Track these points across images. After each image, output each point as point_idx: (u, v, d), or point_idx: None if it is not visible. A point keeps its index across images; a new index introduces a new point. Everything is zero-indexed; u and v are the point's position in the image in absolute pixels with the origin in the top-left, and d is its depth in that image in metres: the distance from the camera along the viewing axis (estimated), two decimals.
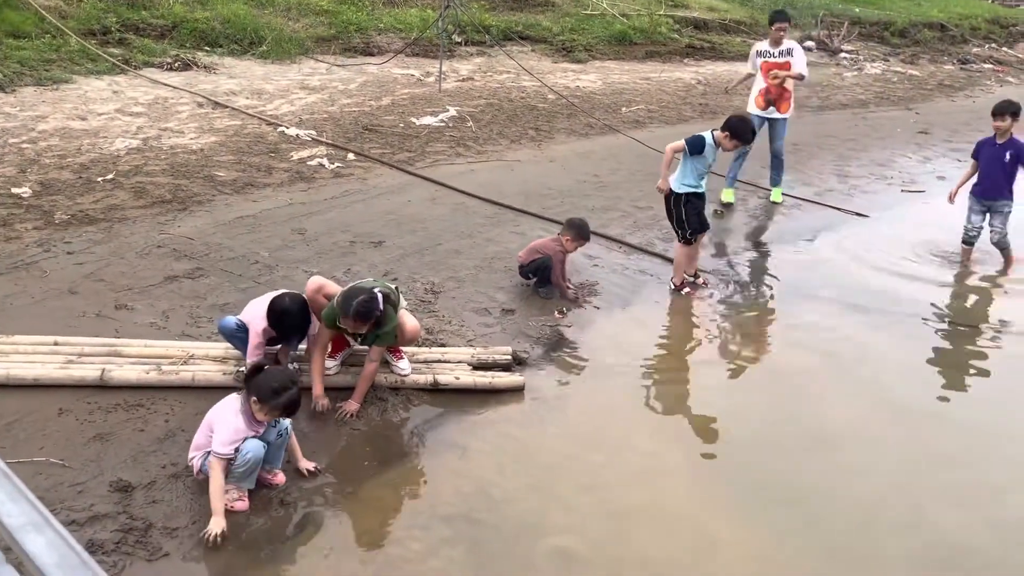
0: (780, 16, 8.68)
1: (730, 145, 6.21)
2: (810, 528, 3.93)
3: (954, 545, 3.85)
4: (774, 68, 8.49)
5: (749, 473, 4.36)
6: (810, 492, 4.18)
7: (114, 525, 3.55)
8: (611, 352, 5.54)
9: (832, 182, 9.89)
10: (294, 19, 14.56)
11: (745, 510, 4.07)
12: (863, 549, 3.80)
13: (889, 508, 4.08)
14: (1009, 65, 20.30)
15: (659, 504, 4.07)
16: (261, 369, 3.81)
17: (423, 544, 3.70)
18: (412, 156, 9.24)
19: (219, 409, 3.80)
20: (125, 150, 8.39)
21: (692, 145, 6.15)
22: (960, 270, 7.19)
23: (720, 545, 3.81)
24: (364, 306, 4.31)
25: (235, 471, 3.70)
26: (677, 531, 3.88)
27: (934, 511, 4.05)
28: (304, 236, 6.77)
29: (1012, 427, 4.89)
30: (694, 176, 6.29)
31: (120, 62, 11.39)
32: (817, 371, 5.43)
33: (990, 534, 3.92)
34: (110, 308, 5.32)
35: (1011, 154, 7.06)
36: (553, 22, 16.89)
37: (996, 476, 4.39)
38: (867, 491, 4.20)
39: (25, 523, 1.14)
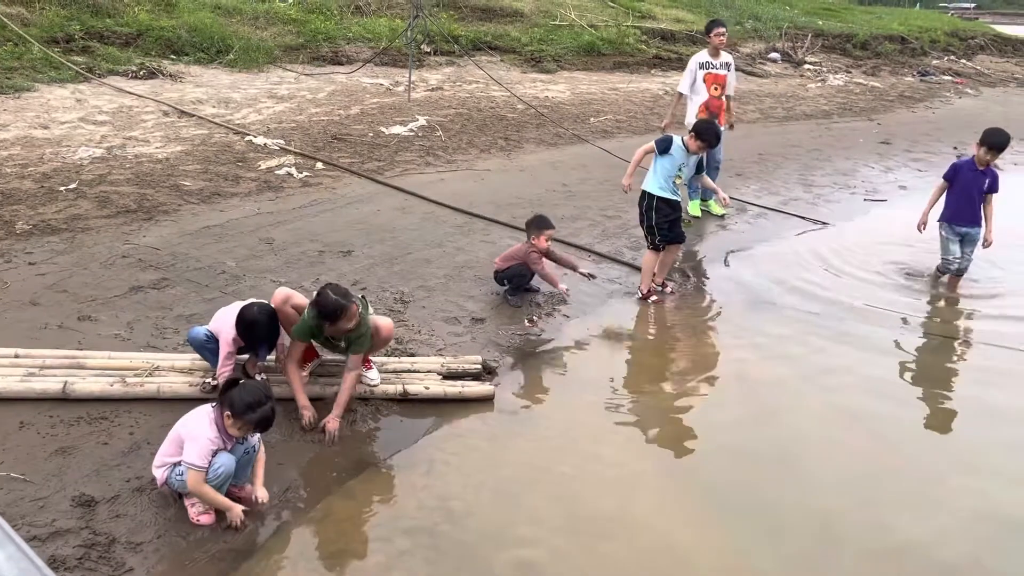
0: (719, 22, 8.74)
1: (695, 146, 6.40)
2: (773, 538, 3.95)
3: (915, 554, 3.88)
4: (717, 80, 8.51)
5: (715, 483, 4.38)
6: (774, 502, 4.20)
7: (77, 540, 3.48)
8: (580, 361, 5.56)
9: (798, 191, 10.04)
10: (262, 28, 14.49)
11: (710, 521, 4.08)
12: (825, 559, 3.82)
13: (851, 517, 4.11)
14: (968, 77, 20.76)
15: (625, 515, 4.07)
16: (236, 383, 3.76)
17: (384, 556, 3.67)
18: (381, 165, 9.22)
19: (190, 421, 3.75)
20: (88, 159, 8.28)
21: (660, 143, 6.39)
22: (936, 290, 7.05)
23: (684, 556, 3.81)
24: (340, 303, 4.27)
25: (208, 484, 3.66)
26: (642, 542, 3.88)
27: (895, 520, 4.08)
28: (272, 246, 6.71)
29: (974, 436, 4.96)
30: (664, 178, 6.41)
31: (84, 70, 11.24)
32: (782, 380, 5.48)
33: (951, 542, 3.97)
34: (73, 319, 5.23)
35: (988, 183, 6.95)
36: (522, 32, 16.98)
37: (956, 484, 4.44)
38: (830, 500, 4.23)
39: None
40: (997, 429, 5.00)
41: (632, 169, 6.58)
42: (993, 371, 5.76)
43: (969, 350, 6.15)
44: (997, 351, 6.02)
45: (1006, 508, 4.23)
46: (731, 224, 8.66)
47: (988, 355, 6.01)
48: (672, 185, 6.47)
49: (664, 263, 6.64)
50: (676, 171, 6.45)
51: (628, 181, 6.63)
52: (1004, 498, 4.31)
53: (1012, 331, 6.28)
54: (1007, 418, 5.14)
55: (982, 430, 5.01)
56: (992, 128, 7.00)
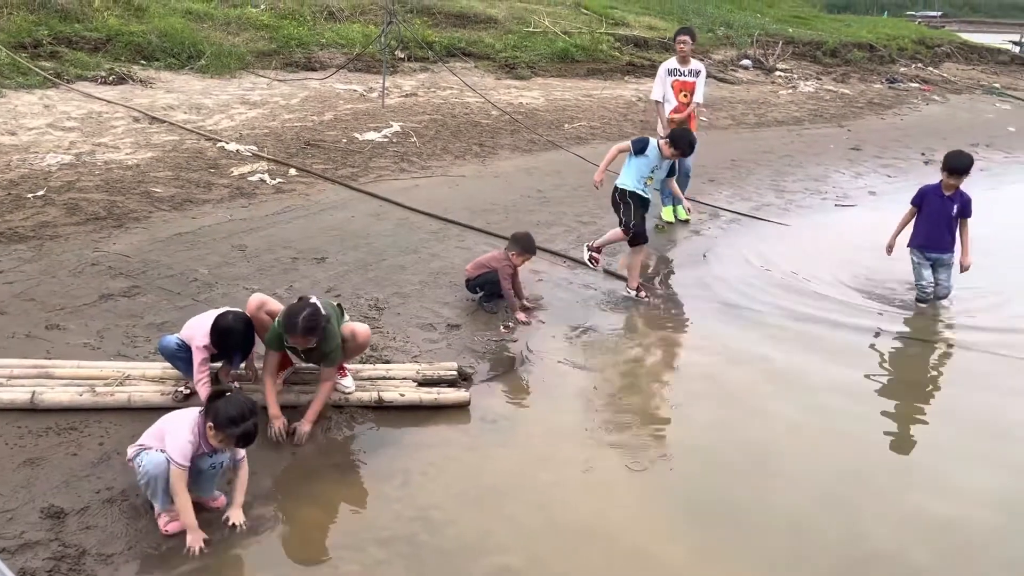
0: (684, 30, 8.83)
1: (668, 152, 6.54)
2: (746, 544, 3.96)
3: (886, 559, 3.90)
4: (685, 87, 8.59)
5: (690, 489, 4.40)
6: (748, 507, 4.22)
7: (46, 552, 3.43)
8: (556, 367, 5.56)
9: (770, 197, 10.13)
10: (234, 33, 14.38)
11: (686, 527, 4.09)
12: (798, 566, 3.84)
13: (823, 523, 4.14)
14: (935, 84, 21.08)
15: (601, 521, 4.06)
16: (223, 394, 3.72)
17: (358, 566, 3.65)
18: (355, 171, 9.18)
19: (175, 419, 3.71)
20: (57, 166, 8.16)
21: (636, 143, 6.57)
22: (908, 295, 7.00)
23: (659, 563, 3.81)
24: (310, 320, 4.25)
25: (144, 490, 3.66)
26: (618, 549, 3.87)
27: (867, 525, 4.12)
28: (245, 252, 6.66)
29: (944, 439, 5.03)
30: (637, 178, 6.56)
31: (52, 76, 11.08)
32: (755, 386, 5.51)
33: (921, 548, 4.00)
34: (41, 328, 5.15)
35: (958, 208, 6.77)
36: (496, 39, 17.00)
37: (927, 489, 4.48)
38: (802, 506, 4.26)
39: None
40: (967, 433, 5.08)
41: (605, 164, 6.70)
42: (963, 374, 5.85)
43: (940, 353, 6.22)
44: (968, 354, 6.12)
45: (976, 513, 4.28)
46: (704, 230, 8.72)
47: (960, 359, 6.10)
48: (643, 185, 6.60)
49: (633, 266, 6.74)
50: (649, 172, 6.60)
51: (600, 176, 6.76)
52: (974, 503, 4.36)
53: (985, 336, 6.38)
54: (976, 421, 5.22)
55: (952, 434, 5.08)
56: (953, 152, 6.89)
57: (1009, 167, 13.14)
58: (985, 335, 6.38)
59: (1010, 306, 7.00)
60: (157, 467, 3.58)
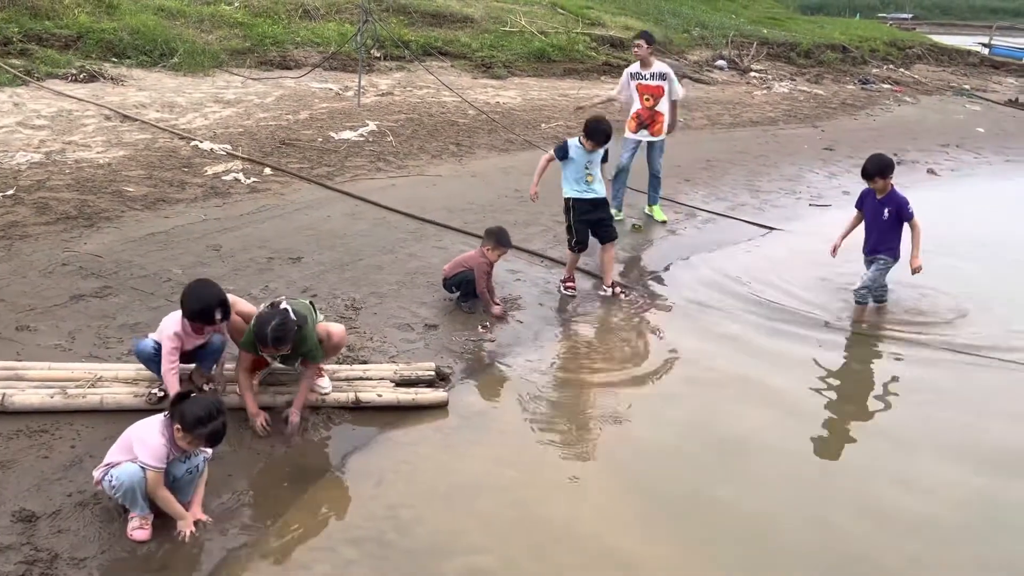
0: (641, 33, 8.97)
1: (588, 145, 6.59)
2: (717, 541, 3.98)
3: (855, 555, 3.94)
4: (648, 91, 8.52)
5: (664, 488, 4.41)
6: (720, 504, 4.24)
7: (18, 557, 3.37)
8: (534, 367, 5.56)
9: (745, 197, 10.20)
10: (207, 31, 14.24)
11: (658, 526, 4.10)
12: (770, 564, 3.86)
13: (795, 521, 4.18)
14: (906, 85, 21.35)
15: (575, 521, 4.06)
16: (187, 396, 3.68)
17: (331, 566, 3.63)
18: (331, 171, 9.12)
19: (141, 428, 3.66)
20: (26, 164, 8.03)
21: (557, 151, 6.70)
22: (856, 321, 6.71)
23: (632, 562, 3.81)
24: (279, 330, 4.22)
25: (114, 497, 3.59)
26: (591, 548, 3.87)
27: (838, 521, 4.15)
28: (219, 252, 6.59)
29: (917, 435, 5.09)
30: (574, 181, 6.67)
31: (21, 73, 10.91)
32: (729, 383, 5.54)
33: (895, 546, 4.03)
34: (10, 329, 5.06)
35: (890, 211, 6.59)
36: (472, 38, 16.98)
37: (899, 486, 4.52)
38: (775, 504, 4.29)
39: None
40: (937, 431, 5.14)
41: (537, 178, 6.85)
42: (935, 375, 5.91)
43: (919, 351, 6.28)
44: (932, 352, 6.19)
45: (949, 509, 4.34)
46: (680, 229, 8.77)
47: (928, 357, 6.16)
48: (585, 184, 6.67)
49: (604, 262, 6.84)
50: (584, 171, 6.65)
51: (534, 190, 6.92)
52: (946, 500, 4.42)
53: (949, 333, 6.47)
54: (947, 420, 5.29)
55: (922, 432, 5.14)
56: (872, 155, 6.76)
57: (978, 167, 13.34)
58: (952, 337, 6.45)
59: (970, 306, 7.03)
60: (132, 477, 3.53)
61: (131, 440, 3.62)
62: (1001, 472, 4.69)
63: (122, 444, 3.65)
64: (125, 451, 3.61)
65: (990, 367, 5.96)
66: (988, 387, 5.71)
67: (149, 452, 3.54)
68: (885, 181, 6.58)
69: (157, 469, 3.54)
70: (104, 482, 3.59)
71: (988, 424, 5.21)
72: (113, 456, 3.64)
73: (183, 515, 3.62)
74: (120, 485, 3.52)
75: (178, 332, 4.34)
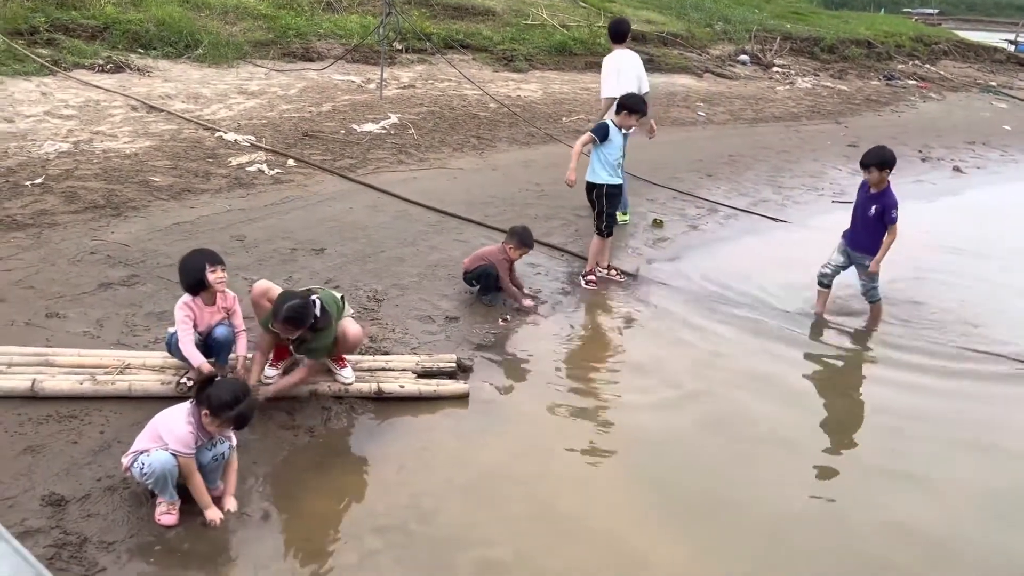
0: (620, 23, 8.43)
1: (630, 121, 6.60)
2: (728, 542, 3.97)
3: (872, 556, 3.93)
4: None
5: (678, 485, 4.41)
6: (733, 503, 4.23)
7: (47, 540, 3.44)
8: (554, 360, 5.59)
9: (767, 192, 10.16)
10: (231, 23, 14.32)
11: (671, 523, 4.10)
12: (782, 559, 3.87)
13: (806, 518, 4.18)
14: (932, 81, 21.14)
15: (590, 516, 4.07)
16: (212, 380, 3.73)
17: (356, 555, 3.67)
18: (353, 163, 9.18)
19: (167, 416, 3.72)
20: (55, 154, 8.14)
21: (598, 131, 6.60)
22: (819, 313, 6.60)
23: (644, 559, 3.82)
24: (293, 311, 4.25)
25: (144, 484, 3.65)
26: (605, 545, 3.89)
27: (854, 522, 4.14)
28: (244, 243, 6.66)
29: (939, 436, 5.06)
30: (609, 166, 6.66)
31: (49, 63, 11.03)
32: (746, 380, 5.53)
33: (907, 542, 4.04)
34: (40, 316, 5.15)
35: (876, 209, 6.27)
36: (494, 31, 16.97)
37: (909, 483, 4.52)
38: (788, 501, 4.30)
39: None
40: (960, 433, 5.11)
41: (575, 160, 6.64)
42: (952, 372, 5.89)
43: (926, 351, 6.24)
44: (956, 352, 6.16)
45: (969, 512, 4.32)
46: (702, 224, 8.75)
47: (952, 356, 6.12)
48: (616, 170, 6.70)
49: (593, 252, 6.89)
50: (620, 155, 6.70)
51: (574, 176, 6.63)
52: (957, 503, 4.40)
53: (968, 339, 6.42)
54: (968, 421, 5.26)
55: (945, 434, 5.10)
56: (874, 146, 6.55)
57: (1004, 165, 13.21)
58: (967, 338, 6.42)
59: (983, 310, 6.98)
60: (164, 465, 3.58)
61: (158, 428, 3.68)
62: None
63: (150, 432, 3.71)
64: (153, 438, 3.67)
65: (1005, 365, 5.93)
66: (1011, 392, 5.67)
67: (177, 439, 3.60)
68: (881, 175, 6.27)
69: (188, 455, 3.60)
70: (134, 468, 3.65)
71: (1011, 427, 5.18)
72: (141, 443, 3.70)
73: (209, 505, 3.67)
74: (152, 472, 3.58)
75: (187, 302, 4.40)
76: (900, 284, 7.24)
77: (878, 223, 6.27)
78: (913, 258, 7.75)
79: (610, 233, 6.84)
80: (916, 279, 7.53)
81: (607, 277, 6.93)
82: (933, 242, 8.62)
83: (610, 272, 6.99)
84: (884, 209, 6.24)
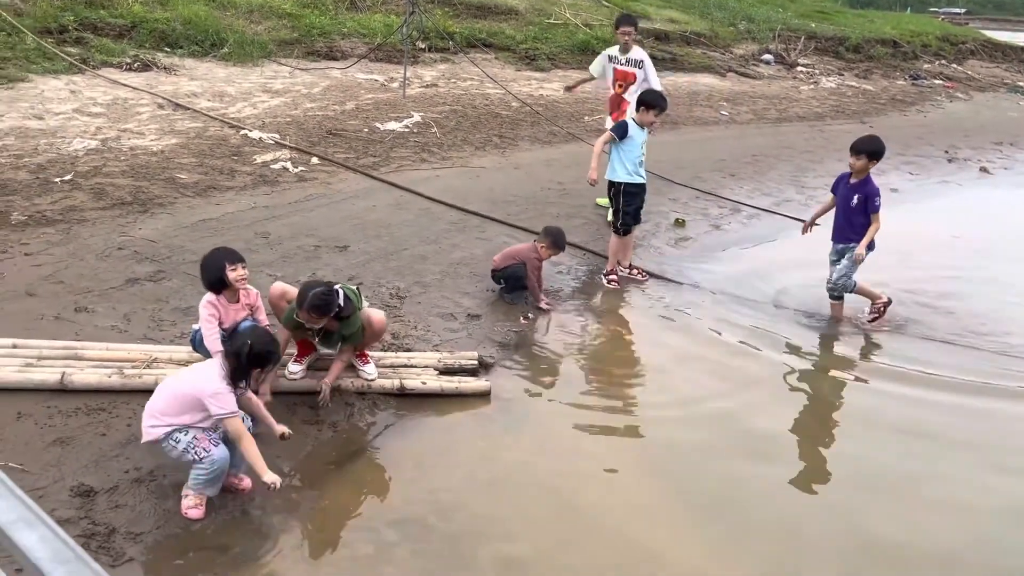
0: (624, 20, 8.27)
1: (651, 117, 6.57)
2: (745, 542, 3.96)
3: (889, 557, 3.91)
4: (620, 77, 8.07)
5: (695, 485, 4.41)
6: (751, 503, 4.23)
7: (76, 530, 3.49)
8: (574, 358, 5.60)
9: (790, 192, 10.11)
10: (256, 22, 14.44)
11: (689, 522, 4.10)
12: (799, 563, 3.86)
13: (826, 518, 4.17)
14: (959, 81, 20.91)
15: (609, 514, 4.08)
16: (246, 344, 3.74)
17: (373, 548, 3.70)
18: (377, 161, 9.23)
19: (199, 379, 3.71)
20: (83, 151, 8.25)
21: (618, 129, 6.63)
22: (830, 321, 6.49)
23: (661, 558, 3.82)
24: (320, 298, 4.29)
25: (199, 478, 3.67)
26: (622, 541, 3.89)
27: (868, 523, 4.12)
28: (268, 240, 6.72)
29: (958, 438, 5.02)
30: (629, 163, 6.66)
31: (78, 61, 11.18)
32: (765, 380, 5.51)
33: (927, 540, 4.02)
34: (69, 310, 5.23)
35: (859, 198, 6.18)
36: (516, 30, 16.99)
37: (931, 483, 4.50)
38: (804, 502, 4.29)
39: (15, 519, 1.15)
40: (982, 435, 5.07)
41: (596, 161, 6.62)
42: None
43: (948, 351, 6.19)
44: (978, 353, 6.10)
45: (990, 513, 4.28)
46: (724, 224, 8.72)
47: (974, 357, 6.07)
48: (637, 167, 6.70)
49: (626, 246, 6.93)
50: (641, 153, 6.68)
51: (595, 175, 6.66)
52: (988, 504, 4.37)
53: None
54: (989, 424, 5.21)
55: (964, 435, 5.05)
56: (868, 134, 6.43)
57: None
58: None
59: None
60: (225, 460, 3.67)
61: (185, 396, 3.66)
62: None
63: (178, 401, 3.66)
64: (184, 408, 3.65)
65: None
66: None
67: (223, 402, 3.62)
68: (866, 164, 6.19)
69: (235, 414, 3.65)
70: (167, 442, 3.65)
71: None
72: (163, 408, 3.67)
73: (266, 468, 3.64)
74: (213, 467, 3.63)
75: (211, 301, 4.44)
76: (928, 287, 7.19)
77: (861, 213, 6.20)
78: (947, 265, 7.71)
79: (627, 231, 6.84)
80: (950, 279, 7.48)
81: (629, 276, 6.93)
82: (961, 245, 8.54)
83: (632, 271, 6.99)
84: (867, 197, 6.18)
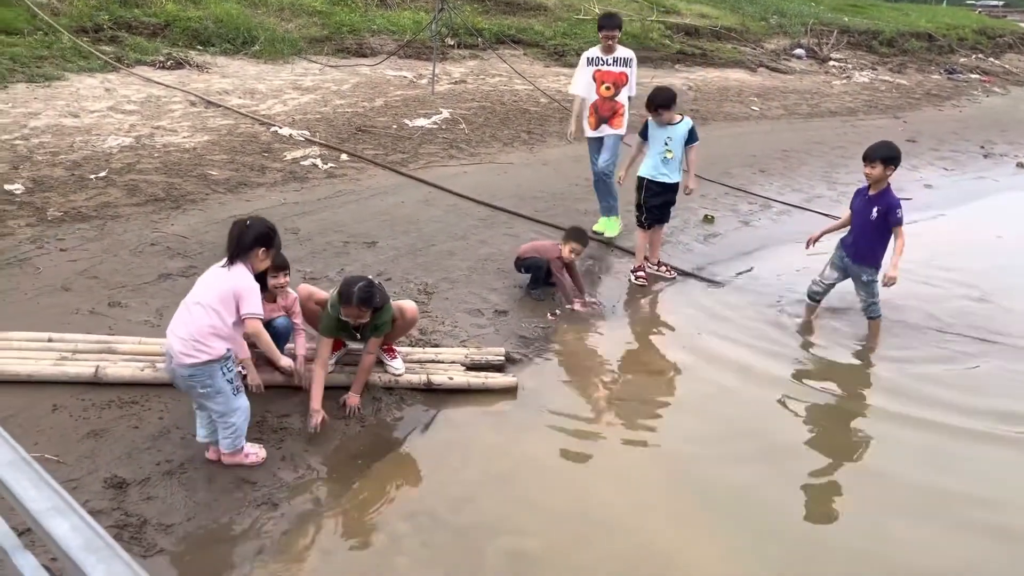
0: (608, 22, 7.44)
1: (666, 117, 6.61)
2: (760, 544, 3.91)
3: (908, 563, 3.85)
4: (608, 78, 7.45)
5: (712, 486, 4.34)
6: (766, 505, 4.17)
7: (108, 521, 3.55)
8: (599, 356, 5.59)
9: (821, 188, 9.99)
10: (287, 19, 14.58)
11: (703, 523, 4.05)
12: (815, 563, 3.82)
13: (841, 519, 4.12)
14: (996, 75, 20.52)
15: (621, 512, 4.05)
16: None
17: (386, 536, 3.72)
18: (405, 157, 9.27)
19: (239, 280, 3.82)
20: (118, 148, 8.39)
21: (641, 131, 6.89)
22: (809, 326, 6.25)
23: (673, 558, 3.79)
24: (366, 291, 4.34)
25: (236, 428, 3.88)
26: (634, 540, 3.86)
27: (890, 527, 4.05)
28: (298, 236, 6.78)
29: (969, 438, 4.91)
30: (653, 159, 6.75)
31: (112, 60, 11.37)
32: (787, 386, 5.41)
33: (943, 547, 3.95)
34: (103, 305, 5.32)
35: (878, 210, 5.75)
36: (545, 26, 16.97)
37: (949, 487, 4.40)
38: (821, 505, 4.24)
39: (48, 508, 1.17)
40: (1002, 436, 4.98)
41: (627, 162, 6.98)
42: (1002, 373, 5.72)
43: (972, 350, 6.07)
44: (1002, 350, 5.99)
45: (1014, 518, 4.20)
46: (754, 220, 8.64)
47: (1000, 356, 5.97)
48: (661, 164, 6.70)
49: (654, 243, 6.95)
50: (663, 148, 6.66)
51: (623, 173, 7.11)
52: (1007, 509, 4.28)
53: None
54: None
55: (989, 438, 4.95)
56: (882, 140, 6.11)
57: None
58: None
59: None
60: (247, 414, 3.95)
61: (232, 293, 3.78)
62: None
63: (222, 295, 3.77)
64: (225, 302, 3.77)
65: None
66: None
67: (254, 301, 3.83)
68: (883, 172, 5.74)
69: (260, 315, 3.88)
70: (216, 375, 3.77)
71: None
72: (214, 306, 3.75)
73: (281, 356, 4.19)
74: (237, 428, 3.89)
75: None
76: (973, 290, 7.08)
77: (881, 227, 5.77)
78: (990, 266, 7.58)
79: (649, 226, 6.83)
80: (990, 279, 7.35)
81: (657, 273, 6.90)
82: (1004, 245, 8.39)
83: (660, 268, 6.96)
84: (887, 209, 5.73)
